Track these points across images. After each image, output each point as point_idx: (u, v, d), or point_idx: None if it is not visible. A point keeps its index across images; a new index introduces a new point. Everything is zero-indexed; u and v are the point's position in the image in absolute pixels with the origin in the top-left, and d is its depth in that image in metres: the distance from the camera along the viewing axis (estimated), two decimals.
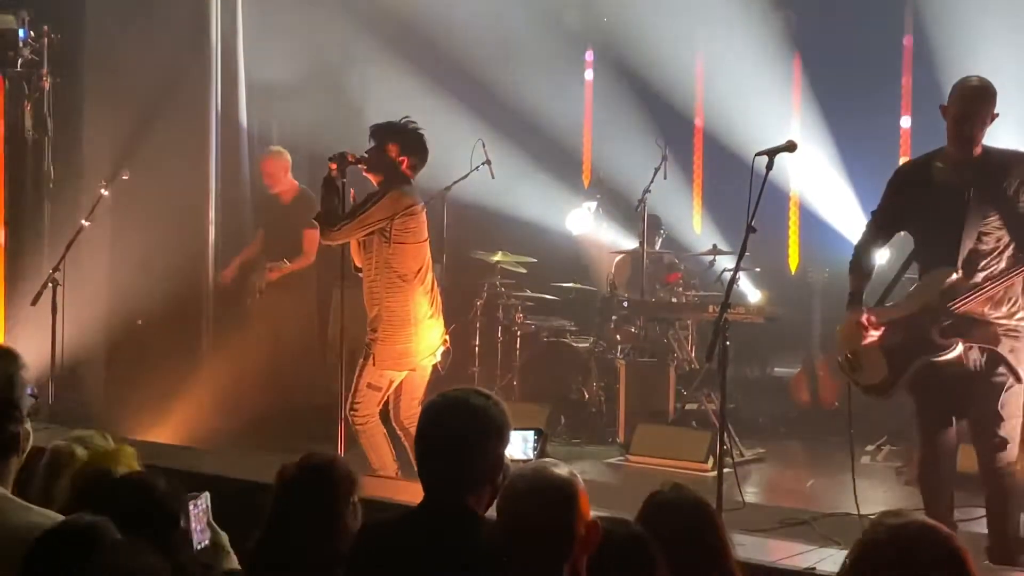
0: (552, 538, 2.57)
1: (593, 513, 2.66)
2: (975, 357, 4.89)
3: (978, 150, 4.94)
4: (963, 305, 4.84)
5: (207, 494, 3.44)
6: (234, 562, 3.47)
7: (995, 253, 4.87)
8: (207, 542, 3.26)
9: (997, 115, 4.92)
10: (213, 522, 3.41)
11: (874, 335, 5.08)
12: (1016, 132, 6.22)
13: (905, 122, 9.57)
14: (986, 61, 8.13)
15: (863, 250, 5.33)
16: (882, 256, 5.89)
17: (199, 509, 3.40)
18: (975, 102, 4.89)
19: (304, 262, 8.03)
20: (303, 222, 7.65)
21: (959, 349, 4.85)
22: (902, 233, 5.40)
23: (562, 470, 2.68)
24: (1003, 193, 4.85)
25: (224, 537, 3.54)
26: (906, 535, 2.25)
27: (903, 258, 5.51)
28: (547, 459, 2.96)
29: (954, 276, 4.86)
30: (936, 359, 4.90)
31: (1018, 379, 4.84)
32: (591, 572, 2.49)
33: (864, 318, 5.09)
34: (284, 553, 3.10)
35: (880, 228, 5.31)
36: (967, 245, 4.86)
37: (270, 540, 3.16)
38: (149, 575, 2.35)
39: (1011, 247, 4.86)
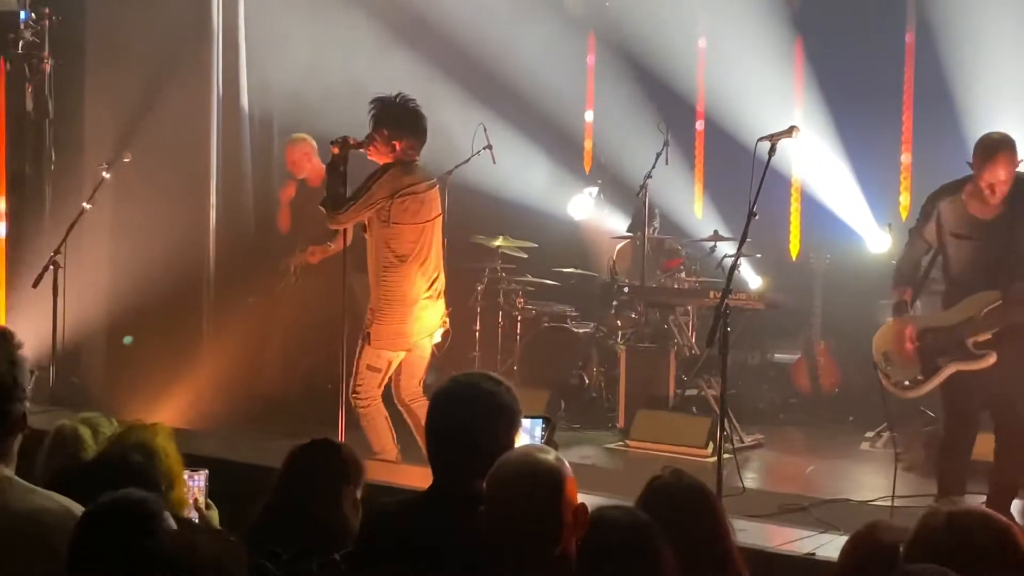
0: (539, 524, 2.58)
1: (593, 499, 2.67)
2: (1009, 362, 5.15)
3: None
4: (1003, 325, 5.12)
5: (206, 472, 3.47)
6: None
7: None
8: (195, 519, 3.29)
9: (1021, 160, 5.14)
10: (208, 499, 3.44)
11: (911, 344, 5.37)
12: (1021, 126, 6.25)
13: (907, 108, 9.56)
14: (988, 45, 8.14)
15: (904, 264, 5.60)
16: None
17: (195, 484, 3.44)
18: (1004, 168, 5.09)
19: (339, 244, 7.92)
20: None
21: (992, 359, 5.14)
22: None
23: (549, 455, 2.68)
24: None
25: (215, 514, 3.57)
26: (963, 522, 2.29)
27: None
28: (533, 445, 2.97)
29: (998, 300, 5.14)
30: (968, 367, 5.18)
31: None
32: (597, 560, 2.50)
33: (909, 332, 5.38)
34: (284, 530, 3.11)
35: (916, 247, 5.54)
36: (1008, 269, 5.13)
37: (272, 516, 3.17)
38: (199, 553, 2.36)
39: None
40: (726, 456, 5.34)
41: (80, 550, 2.39)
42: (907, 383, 5.43)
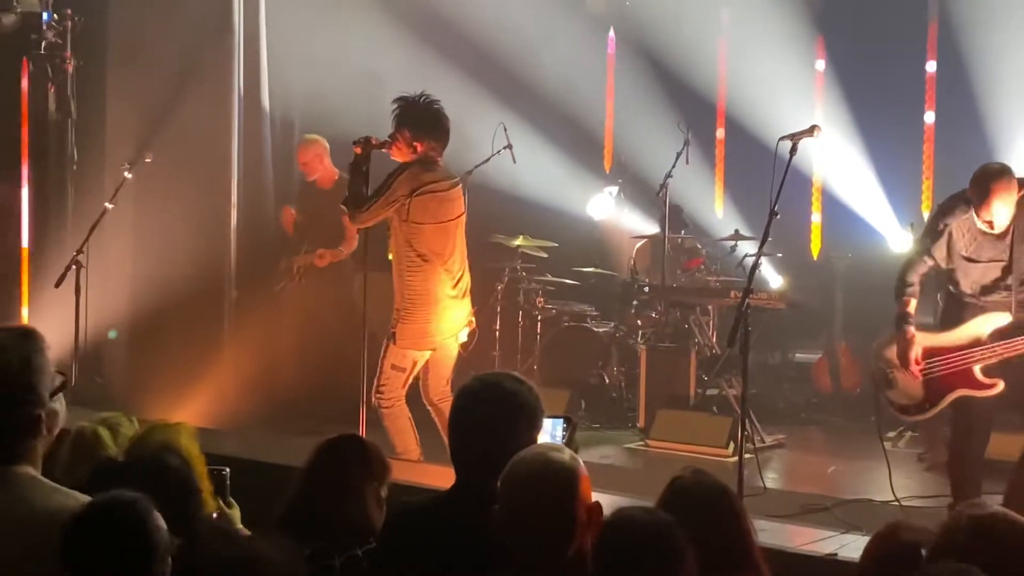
0: (553, 522, 2.58)
1: (613, 499, 2.66)
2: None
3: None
4: (1012, 350, 5.03)
5: (227, 471, 3.49)
6: None
7: None
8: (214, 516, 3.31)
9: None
10: (229, 497, 3.45)
11: (916, 369, 5.26)
12: None
13: (929, 108, 9.51)
14: (1012, 41, 8.10)
15: (910, 275, 5.40)
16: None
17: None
18: (1001, 204, 5.02)
19: (350, 247, 7.95)
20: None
21: (1000, 387, 5.06)
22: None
23: (563, 454, 2.68)
24: None
25: (236, 512, 3.58)
26: (987, 524, 2.29)
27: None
28: (547, 443, 2.97)
29: (1007, 320, 5.07)
30: (976, 394, 5.10)
31: None
32: (619, 560, 2.50)
33: (913, 356, 5.25)
34: (308, 525, 3.12)
35: (924, 263, 5.39)
36: (1018, 289, 5.06)
37: (296, 511, 3.18)
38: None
39: None
40: (747, 456, 5.31)
41: (70, 553, 2.40)
42: (912, 408, 5.37)
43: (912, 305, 5.32)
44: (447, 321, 6.11)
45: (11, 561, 2.52)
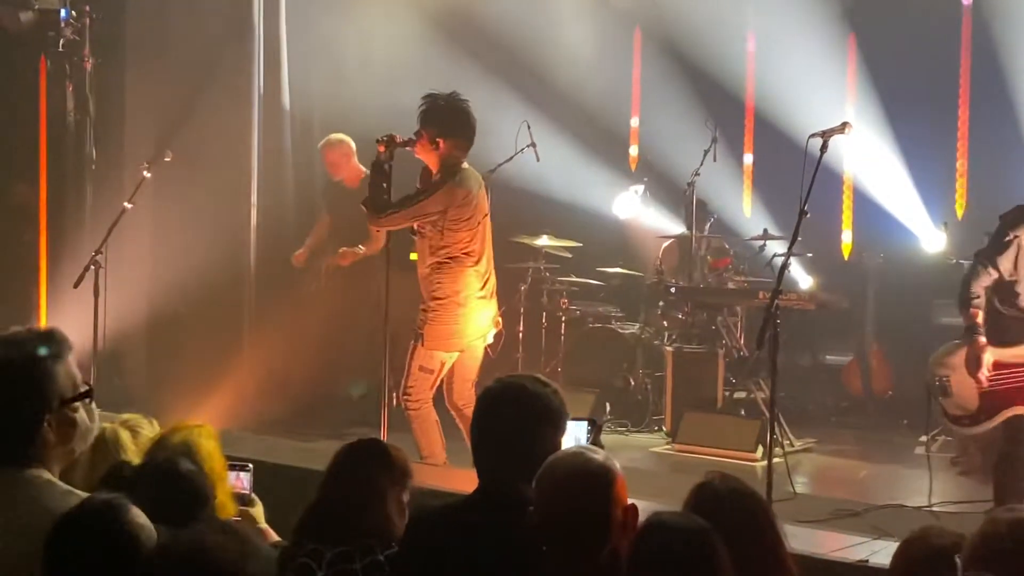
0: (589, 524, 2.59)
1: (639, 503, 2.66)
2: None
3: None
4: None
5: (251, 466, 3.52)
6: (271, 536, 3.53)
7: None
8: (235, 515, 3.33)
9: None
10: (253, 494, 3.48)
11: (983, 377, 5.23)
12: None
13: (963, 104, 9.45)
14: None
15: (972, 285, 5.36)
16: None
17: (239, 481, 3.49)
18: None
19: (375, 247, 7.94)
20: None
21: None
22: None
23: (598, 455, 2.68)
24: None
25: (259, 509, 3.60)
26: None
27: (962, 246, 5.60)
28: (582, 445, 2.97)
29: None
30: None
31: None
32: (654, 565, 2.49)
33: (986, 361, 5.23)
34: (329, 529, 3.13)
35: (988, 274, 5.35)
36: None
37: (317, 515, 3.19)
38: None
39: None
40: (776, 460, 5.31)
41: (50, 560, 2.42)
42: (965, 419, 5.35)
43: (980, 316, 5.30)
44: (475, 322, 6.11)
45: (20, 562, 2.53)
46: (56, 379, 2.73)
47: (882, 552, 4.54)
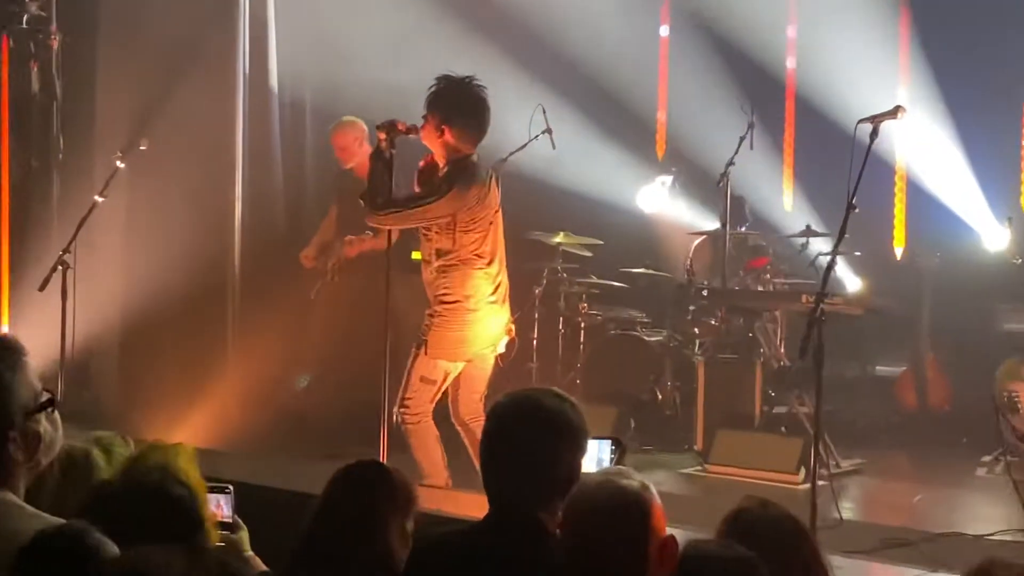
0: (622, 557, 2.59)
1: (680, 532, 2.66)
2: None
3: None
4: None
5: (231, 488, 3.53)
6: (258, 565, 3.54)
7: None
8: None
9: None
10: (236, 516, 3.49)
11: None
12: None
13: None
14: None
15: None
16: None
17: (220, 505, 3.51)
18: None
19: (382, 241, 7.93)
20: None
21: None
22: None
23: (633, 481, 2.68)
24: None
25: (244, 534, 3.62)
26: None
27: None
28: (614, 468, 2.97)
29: None
30: None
31: None
32: None
33: None
34: (326, 560, 3.14)
35: None
36: None
37: (312, 544, 3.21)
38: None
39: None
40: (821, 483, 5.31)
41: None
42: None
43: None
44: (485, 329, 6.11)
45: None
46: (15, 393, 2.74)
47: None
